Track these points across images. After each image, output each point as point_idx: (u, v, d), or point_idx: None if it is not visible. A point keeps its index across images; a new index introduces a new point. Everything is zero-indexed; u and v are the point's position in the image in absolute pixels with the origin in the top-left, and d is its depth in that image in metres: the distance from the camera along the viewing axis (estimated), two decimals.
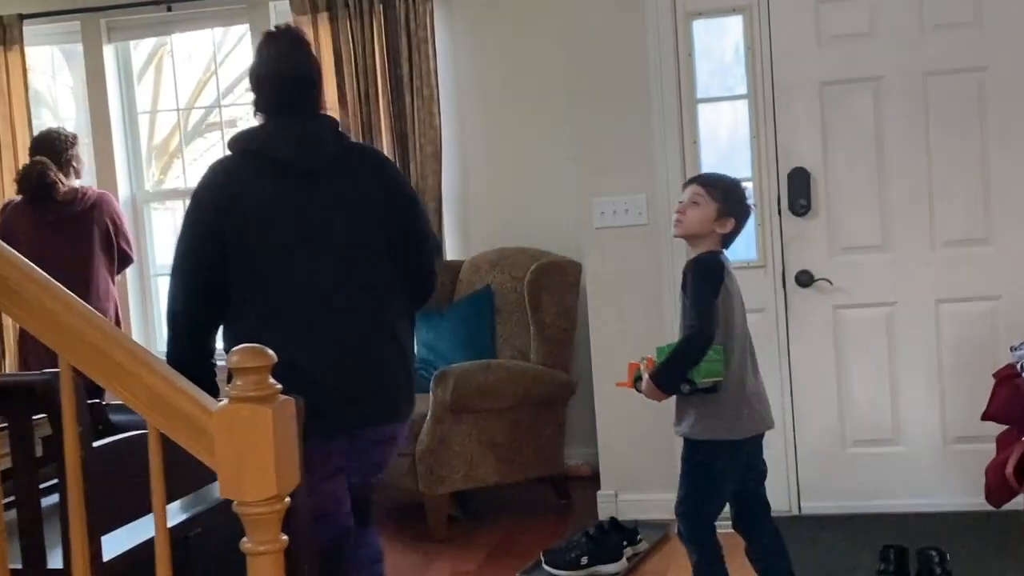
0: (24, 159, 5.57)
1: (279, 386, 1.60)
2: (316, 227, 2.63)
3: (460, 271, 5.24)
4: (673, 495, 3.08)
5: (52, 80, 6.31)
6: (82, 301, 1.68)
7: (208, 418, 1.58)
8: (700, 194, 3.02)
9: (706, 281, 2.95)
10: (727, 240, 3.06)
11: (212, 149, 6.23)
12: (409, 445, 4.40)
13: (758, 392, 3.05)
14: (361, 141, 3.34)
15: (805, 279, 4.30)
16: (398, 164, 5.38)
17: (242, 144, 2.68)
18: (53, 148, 4.86)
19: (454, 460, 4.43)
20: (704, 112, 4.41)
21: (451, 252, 5.47)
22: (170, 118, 6.17)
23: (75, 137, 5.00)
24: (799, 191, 4.29)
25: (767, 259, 4.33)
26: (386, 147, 5.38)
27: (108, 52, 5.82)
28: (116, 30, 5.84)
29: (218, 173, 2.69)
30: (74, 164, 4.90)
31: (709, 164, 4.39)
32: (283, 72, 2.67)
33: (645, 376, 2.99)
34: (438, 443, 4.40)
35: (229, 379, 1.62)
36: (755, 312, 4.29)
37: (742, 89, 4.36)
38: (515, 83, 5.39)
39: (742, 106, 4.37)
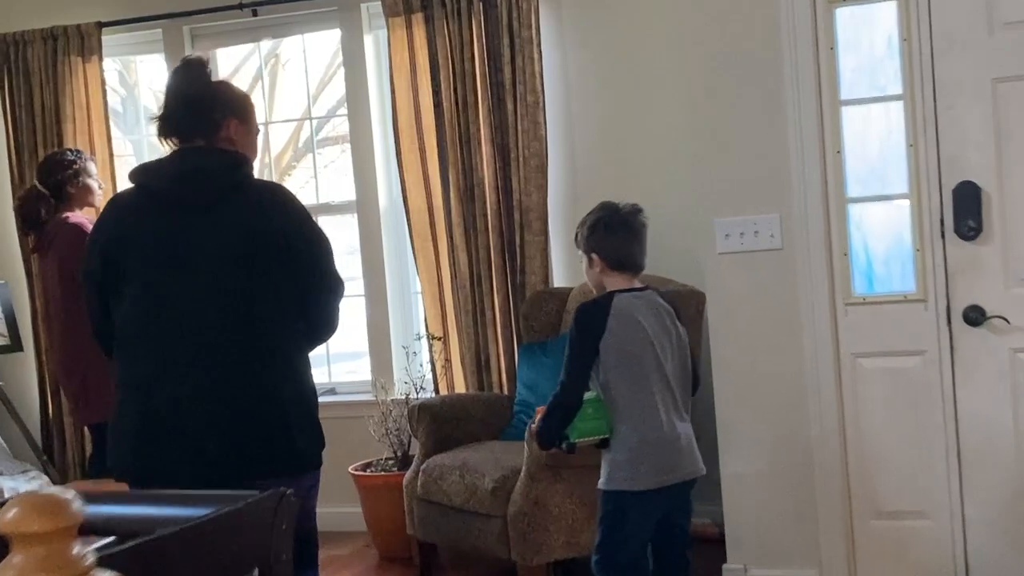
0: (105, 176, 5.24)
1: (91, 559, 1.02)
2: (180, 263, 2.58)
3: (567, 300, 4.65)
4: (819, 571, 2.69)
5: (138, 91, 5.97)
6: None
7: None
8: (580, 255, 3.07)
9: (580, 332, 2.94)
10: (625, 267, 3.00)
11: (332, 165, 5.76)
12: (499, 507, 3.83)
13: (673, 440, 2.95)
14: (265, 179, 3.13)
15: (975, 316, 3.56)
16: (498, 179, 4.85)
17: (132, 177, 2.70)
18: (47, 173, 4.52)
19: (552, 524, 3.85)
20: (850, 116, 3.72)
21: (558, 278, 4.88)
22: (282, 132, 5.76)
23: (75, 160, 4.54)
24: (967, 210, 3.56)
25: (928, 292, 3.61)
26: (485, 160, 4.84)
27: None
28: (200, 37, 5.45)
29: (105, 209, 2.77)
30: (69, 189, 4.47)
31: (857, 178, 3.70)
32: (176, 104, 2.66)
33: (530, 427, 3.03)
34: (533, 504, 3.83)
35: None
36: (912, 355, 3.61)
37: (896, 88, 3.66)
38: (630, 87, 4.78)
39: (896, 108, 3.67)
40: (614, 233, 2.99)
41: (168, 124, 2.67)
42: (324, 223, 5.46)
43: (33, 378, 5.55)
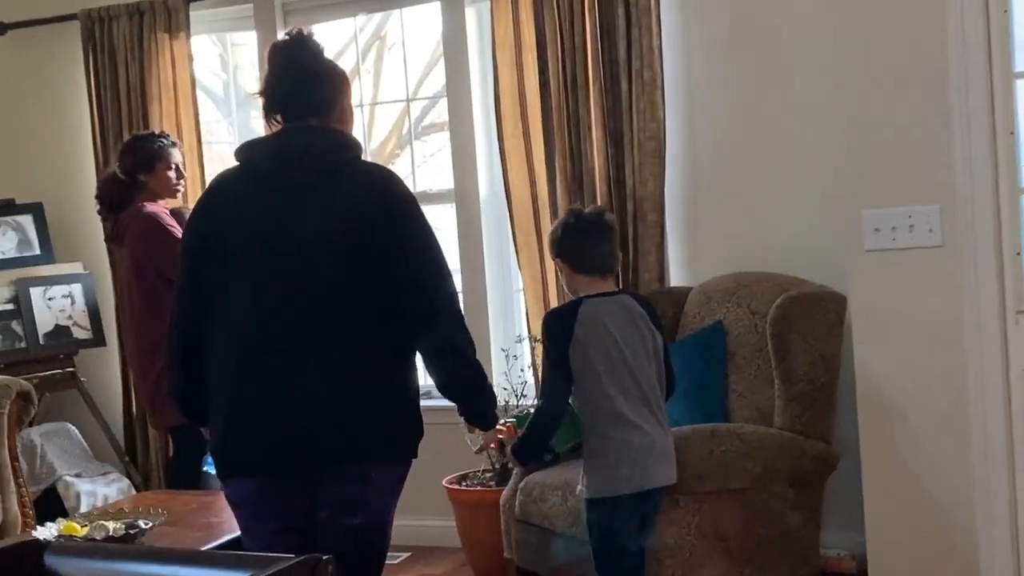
0: (192, 163, 4.95)
1: None
2: (274, 245, 2.49)
3: (686, 301, 4.16)
4: None
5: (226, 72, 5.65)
6: None
7: None
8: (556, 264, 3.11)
9: (548, 340, 2.99)
10: (591, 270, 2.99)
11: (439, 153, 5.37)
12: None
13: (646, 447, 2.94)
14: (374, 162, 2.99)
15: None
16: (610, 166, 4.38)
17: (237, 153, 2.61)
18: (124, 157, 4.29)
19: (668, 558, 3.38)
20: None
21: (675, 276, 4.40)
22: (385, 118, 5.37)
23: (155, 145, 4.27)
24: None
25: None
26: (596, 145, 4.38)
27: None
28: (294, 12, 5.10)
29: (209, 186, 2.68)
30: (143, 176, 4.24)
31: None
32: (290, 79, 2.57)
33: (507, 448, 3.00)
34: None
35: None
36: None
37: None
38: (761, 60, 4.25)
39: None
40: (578, 236, 3.00)
41: (278, 101, 2.57)
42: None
43: (116, 374, 5.29)
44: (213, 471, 3.04)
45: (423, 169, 5.36)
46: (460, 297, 2.69)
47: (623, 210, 4.38)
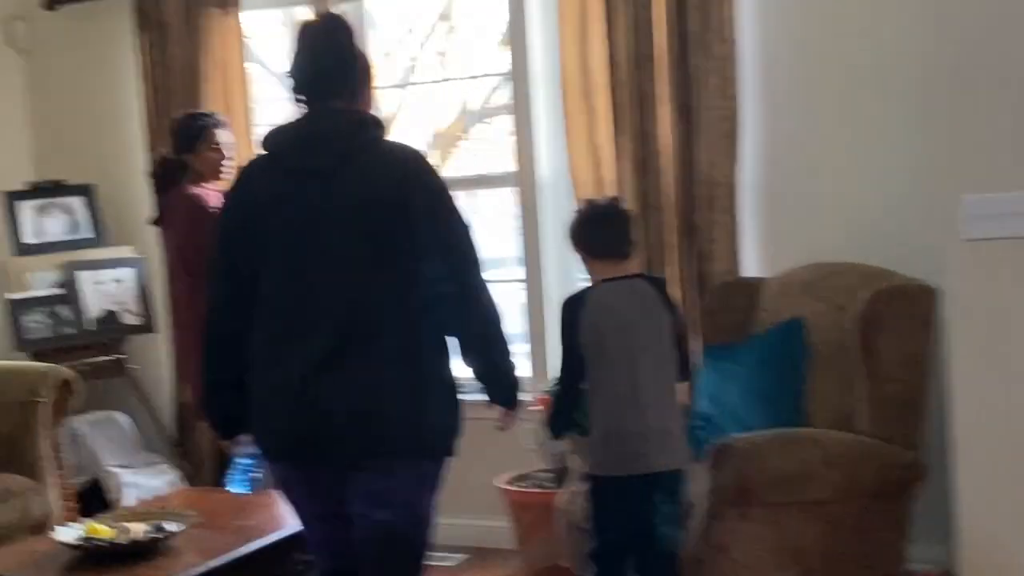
0: (242, 144, 4.73)
1: None
2: (302, 233, 2.46)
3: (760, 294, 3.85)
4: None
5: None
6: None
7: None
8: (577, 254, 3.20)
9: (561, 324, 3.09)
10: (604, 254, 3.09)
11: (500, 138, 5.10)
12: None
13: (640, 431, 2.97)
14: (399, 142, 2.69)
15: None
16: (680, 147, 4.09)
17: (263, 141, 2.56)
18: (172, 137, 4.18)
19: (740, 572, 3.09)
20: None
21: (749, 267, 4.08)
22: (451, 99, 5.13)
23: (202, 124, 4.09)
24: None
25: None
26: (665, 123, 4.08)
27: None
28: None
29: (238, 175, 2.66)
30: (188, 156, 4.08)
31: None
32: (321, 61, 2.51)
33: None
34: (713, 548, 3.10)
35: None
36: None
37: None
38: (847, 28, 3.90)
39: None
40: (590, 224, 3.15)
41: (304, 83, 2.52)
42: (483, 197, 4.73)
43: (167, 362, 5.10)
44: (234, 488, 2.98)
45: (485, 152, 5.11)
46: (523, 288, 2.67)
47: (693, 194, 4.08)
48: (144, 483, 4.73)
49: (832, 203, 3.97)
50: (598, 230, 3.14)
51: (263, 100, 5.01)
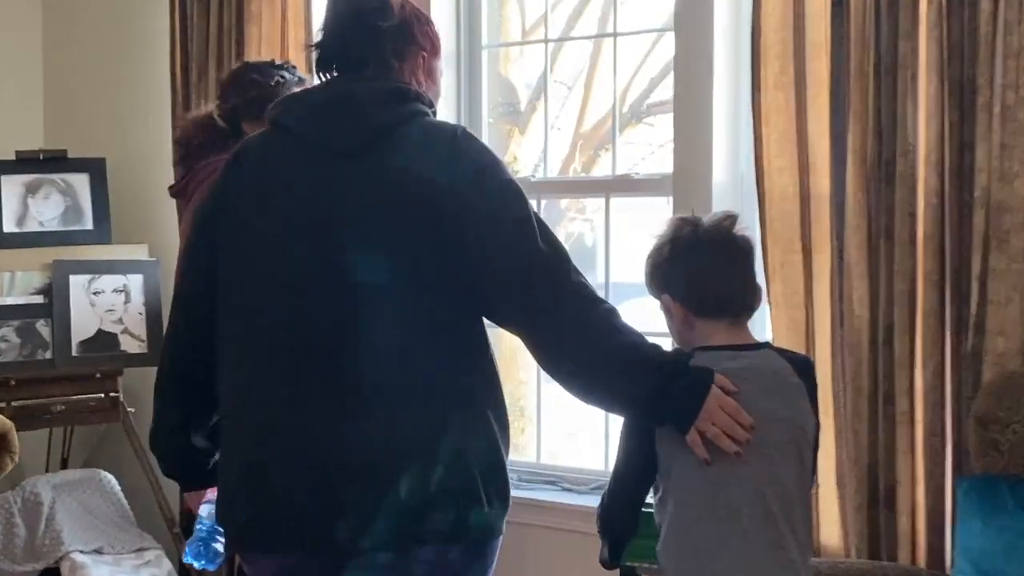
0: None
1: None
2: (308, 233, 1.90)
3: None
4: None
5: None
6: None
7: None
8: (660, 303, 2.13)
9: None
10: (714, 310, 2.01)
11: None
12: None
13: None
14: (445, 121, 2.01)
15: None
16: (947, 145, 2.56)
17: (268, 112, 2.06)
18: (225, 91, 2.99)
19: None
20: None
21: None
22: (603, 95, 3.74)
23: (273, 77, 2.92)
24: None
25: None
26: (924, 107, 2.55)
27: None
28: None
29: (230, 156, 2.07)
30: (246, 120, 2.87)
31: None
32: (350, 24, 2.01)
33: None
34: None
35: None
36: None
37: None
38: None
39: None
40: (692, 258, 2.03)
41: (331, 53, 2.00)
42: (619, 205, 3.40)
43: None
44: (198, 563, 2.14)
45: (640, 153, 3.69)
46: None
47: (966, 222, 2.53)
48: None
49: None
50: (714, 269, 2.05)
51: None
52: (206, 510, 2.12)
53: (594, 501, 2.12)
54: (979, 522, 2.37)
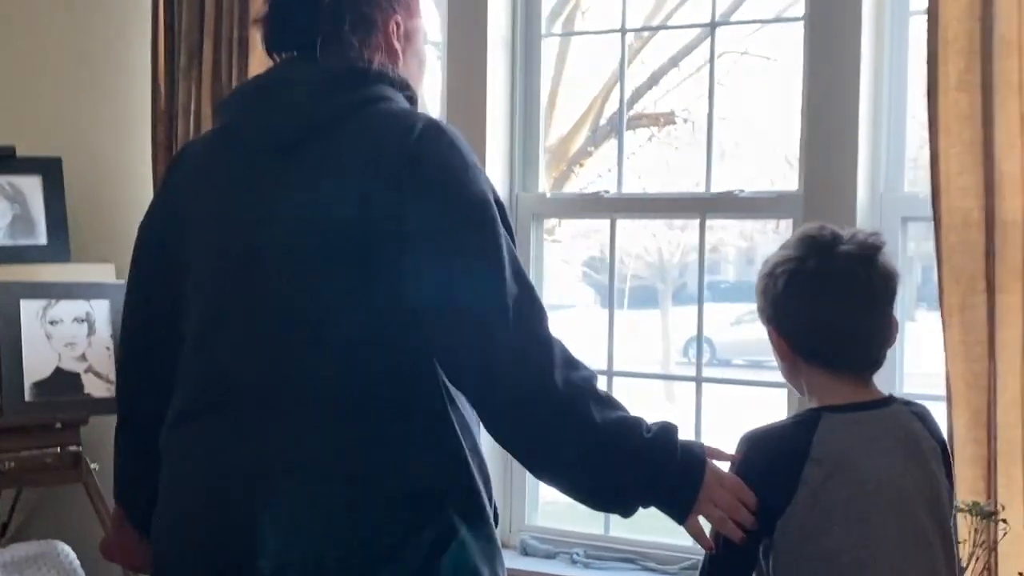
0: None
1: None
2: (239, 240, 1.67)
3: None
4: None
5: None
6: None
7: None
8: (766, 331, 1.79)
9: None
10: (832, 362, 1.68)
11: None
12: None
13: None
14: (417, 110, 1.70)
15: None
16: None
17: (215, 109, 2.29)
18: None
19: None
20: None
21: None
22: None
23: None
24: None
25: None
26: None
27: None
28: None
29: (173, 157, 2.14)
30: None
31: None
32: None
33: None
34: None
35: None
36: None
37: None
38: None
39: None
40: (805, 290, 1.66)
41: (276, 27, 1.76)
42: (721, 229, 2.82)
43: None
44: None
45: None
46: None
47: None
48: None
49: None
50: (835, 308, 1.68)
51: None
52: None
53: None
54: None
